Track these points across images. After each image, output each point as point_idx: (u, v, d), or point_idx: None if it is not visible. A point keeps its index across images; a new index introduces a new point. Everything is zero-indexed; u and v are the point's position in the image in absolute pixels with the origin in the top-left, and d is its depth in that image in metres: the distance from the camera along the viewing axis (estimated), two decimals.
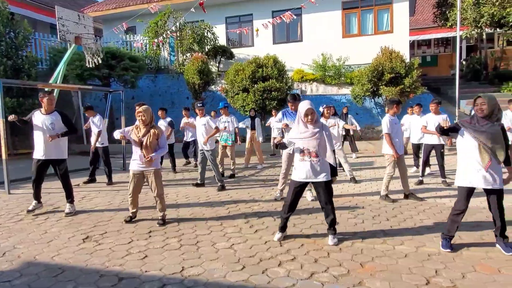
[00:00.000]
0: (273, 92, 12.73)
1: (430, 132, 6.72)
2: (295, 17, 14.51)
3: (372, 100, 14.03)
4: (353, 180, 7.39)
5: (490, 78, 16.91)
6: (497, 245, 3.75)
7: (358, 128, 10.73)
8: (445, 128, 3.82)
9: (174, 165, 9.34)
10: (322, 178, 3.96)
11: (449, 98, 15.36)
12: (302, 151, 3.97)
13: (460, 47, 21.14)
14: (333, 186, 6.94)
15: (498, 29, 15.26)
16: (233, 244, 4.07)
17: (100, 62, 10.35)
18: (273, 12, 15.96)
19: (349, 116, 11.43)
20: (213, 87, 15.78)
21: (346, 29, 15.91)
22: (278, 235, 4.18)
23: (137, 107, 4.78)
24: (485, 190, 3.66)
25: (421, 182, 7.05)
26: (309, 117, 3.90)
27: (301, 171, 3.99)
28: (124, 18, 15.43)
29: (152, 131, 4.78)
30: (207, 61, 15.18)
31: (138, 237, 4.41)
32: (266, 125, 12.01)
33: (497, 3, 12.65)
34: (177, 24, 15.51)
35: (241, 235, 4.39)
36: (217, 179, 7.17)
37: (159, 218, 4.95)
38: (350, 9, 15.71)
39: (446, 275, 3.20)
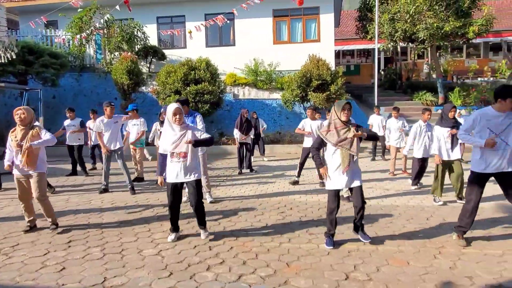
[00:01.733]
0: (205, 95, 12.66)
1: (301, 132, 7.71)
2: (228, 21, 14.61)
3: (302, 105, 14.63)
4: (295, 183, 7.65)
5: (404, 88, 18.62)
6: (359, 235, 4.14)
7: (265, 125, 11.74)
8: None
9: (84, 168, 8.94)
10: (192, 177, 4.14)
11: (369, 104, 16.60)
12: (172, 153, 4.08)
13: (379, 58, 23.01)
14: (264, 186, 7.23)
15: (410, 44, 16.87)
16: (161, 250, 3.97)
17: (14, 57, 9.43)
18: (206, 15, 15.90)
19: (259, 119, 11.73)
20: (143, 88, 15.22)
21: (277, 36, 16.43)
22: (171, 236, 4.28)
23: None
24: (350, 189, 4.10)
25: (296, 183, 7.52)
26: (177, 116, 4.02)
27: (173, 172, 4.11)
28: (44, 11, 14.17)
29: (31, 132, 4.50)
30: (137, 61, 14.61)
31: (56, 247, 4.09)
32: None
33: (409, 20, 14.00)
34: (104, 20, 14.70)
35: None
36: (127, 180, 7.00)
37: (49, 223, 4.73)
38: (280, 17, 16.25)
39: (363, 270, 3.46)
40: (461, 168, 5.91)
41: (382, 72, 21.23)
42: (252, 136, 10.90)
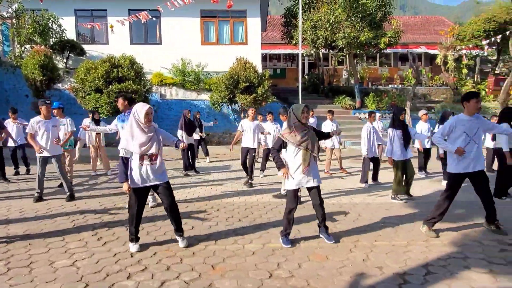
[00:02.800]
0: (130, 95, 12.08)
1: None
2: (154, 19, 14.15)
3: (229, 106, 14.72)
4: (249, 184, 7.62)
5: (326, 92, 19.73)
6: (321, 235, 4.36)
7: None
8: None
9: (3, 173, 8.00)
10: (163, 179, 4.01)
11: None
12: (141, 155, 3.86)
13: (303, 63, 24.08)
14: (191, 190, 7.12)
15: (331, 50, 17.95)
16: (76, 261, 3.69)
17: None
18: (130, 10, 15.19)
19: (202, 120, 11.71)
20: (60, 85, 14.05)
21: (205, 37, 16.33)
22: (135, 246, 4.01)
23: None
24: (308, 188, 4.24)
25: (250, 185, 7.62)
26: (150, 116, 3.86)
27: (141, 175, 3.89)
28: None
29: None
30: (52, 56, 13.43)
31: None
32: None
33: (329, 29, 14.89)
34: (12, 9, 13.26)
35: (86, 249, 4.01)
36: (65, 187, 6.39)
37: None
38: (208, 18, 16.18)
39: (286, 267, 3.59)
40: (413, 167, 6.47)
41: (306, 77, 22.24)
42: (199, 136, 10.76)
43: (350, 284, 3.26)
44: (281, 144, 4.20)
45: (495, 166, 7.40)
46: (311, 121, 11.01)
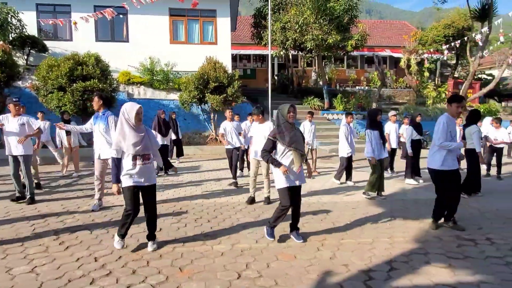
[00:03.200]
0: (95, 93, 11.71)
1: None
2: (121, 16, 13.74)
3: (199, 106, 14.59)
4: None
5: (295, 93, 19.97)
6: (291, 236, 4.41)
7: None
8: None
9: None
10: (153, 181, 3.99)
11: (264, 107, 17.36)
12: (135, 156, 3.79)
13: (273, 64, 24.27)
14: (159, 192, 6.97)
15: (300, 52, 18.20)
16: (35, 267, 3.53)
17: None
18: (95, 6, 14.72)
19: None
20: (20, 83, 13.41)
21: (174, 36, 16.10)
22: (121, 242, 4.06)
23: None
24: (294, 187, 4.26)
25: (236, 184, 7.65)
26: (140, 116, 3.83)
27: (135, 175, 3.82)
28: None
29: None
30: (11, 52, 12.80)
31: None
32: None
33: (298, 31, 15.10)
34: None
35: (47, 254, 3.84)
36: (28, 189, 6.07)
37: None
38: (177, 16, 15.96)
39: (254, 267, 3.60)
40: (384, 166, 6.68)
41: (276, 77, 22.44)
42: (174, 137, 10.57)
43: (317, 282, 3.32)
44: (272, 146, 4.20)
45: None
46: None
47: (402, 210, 5.84)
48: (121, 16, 14.76)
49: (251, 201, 6.19)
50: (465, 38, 17.82)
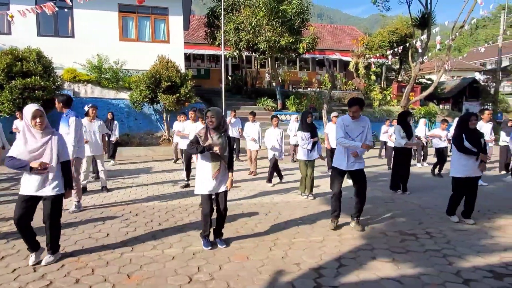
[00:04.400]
0: (36, 91, 10.97)
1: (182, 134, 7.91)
2: (65, 10, 12.98)
3: (151, 106, 14.20)
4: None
5: (249, 93, 20.07)
6: (215, 240, 4.26)
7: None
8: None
9: None
10: (51, 192, 3.54)
11: (219, 108, 17.30)
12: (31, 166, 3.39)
13: (226, 65, 24.20)
14: (108, 194, 6.67)
15: (254, 53, 18.32)
16: None
17: None
18: None
19: (115, 122, 11.01)
20: None
21: (124, 33, 15.49)
22: (32, 257, 3.59)
23: None
24: (216, 194, 4.17)
25: (187, 186, 7.52)
26: (38, 120, 3.41)
27: (29, 183, 3.47)
28: None
29: None
30: None
31: None
32: None
33: (251, 32, 15.19)
34: None
35: None
36: None
37: None
38: (127, 13, 15.37)
39: (206, 270, 3.55)
40: (314, 167, 6.81)
41: (230, 78, 22.40)
42: (112, 139, 10.13)
43: (269, 282, 3.34)
44: (198, 141, 4.05)
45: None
46: (232, 121, 11.12)
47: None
48: (66, 10, 13.99)
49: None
50: (407, 45, 18.96)
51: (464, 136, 5.22)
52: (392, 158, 7.93)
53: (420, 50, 16.59)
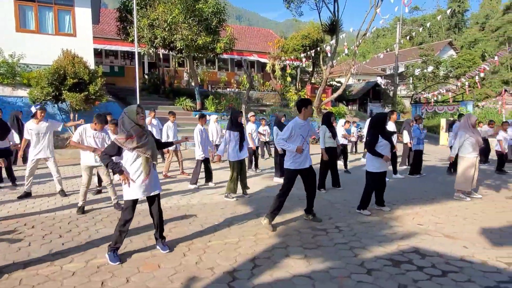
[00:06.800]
0: None
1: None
2: None
3: (55, 105, 12.91)
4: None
5: (167, 93, 19.44)
6: (157, 246, 4.12)
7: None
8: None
9: None
10: None
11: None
12: None
13: (142, 63, 23.16)
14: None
15: (171, 51, 17.77)
16: None
17: None
18: None
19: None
20: None
21: (21, 23, 13.82)
22: None
23: None
24: (148, 197, 3.97)
25: (99, 192, 7.02)
26: None
27: None
28: None
29: None
30: None
31: None
32: None
33: (167, 29, 14.68)
34: None
35: None
36: None
37: None
38: (24, 1, 13.76)
39: (111, 284, 3.26)
40: (246, 166, 6.78)
41: (147, 76, 21.46)
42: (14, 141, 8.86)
43: None
44: (117, 150, 3.75)
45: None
46: (154, 122, 10.60)
47: (268, 207, 6.15)
48: None
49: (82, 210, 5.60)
50: (319, 49, 20.11)
51: (380, 136, 5.71)
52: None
53: (329, 54, 17.72)
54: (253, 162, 9.84)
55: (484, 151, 10.38)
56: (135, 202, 3.88)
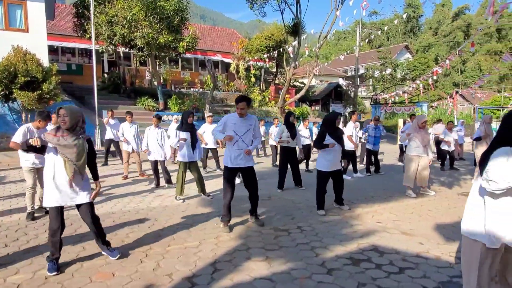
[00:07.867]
0: None
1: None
2: None
3: (6, 104, 12.14)
4: None
5: (128, 92, 18.85)
6: (104, 253, 3.89)
7: None
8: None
9: None
10: None
11: (92, 107, 15.78)
12: None
13: (102, 61, 22.34)
14: None
15: (132, 50, 17.24)
16: None
17: None
18: None
19: None
20: None
21: None
22: None
23: None
24: (77, 205, 3.67)
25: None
26: None
27: None
28: None
29: None
30: None
31: None
32: None
33: (126, 26, 14.20)
34: None
35: None
36: None
37: None
38: None
39: None
40: (199, 168, 6.65)
41: (107, 75, 20.71)
42: None
43: None
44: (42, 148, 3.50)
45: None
46: (112, 122, 10.19)
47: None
48: None
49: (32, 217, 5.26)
50: (282, 50, 20.29)
51: (328, 133, 5.77)
52: (279, 158, 8.04)
53: (292, 56, 17.92)
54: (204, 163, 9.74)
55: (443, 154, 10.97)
56: (59, 209, 3.55)
